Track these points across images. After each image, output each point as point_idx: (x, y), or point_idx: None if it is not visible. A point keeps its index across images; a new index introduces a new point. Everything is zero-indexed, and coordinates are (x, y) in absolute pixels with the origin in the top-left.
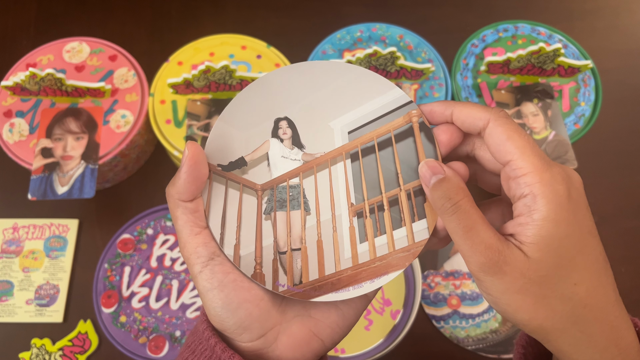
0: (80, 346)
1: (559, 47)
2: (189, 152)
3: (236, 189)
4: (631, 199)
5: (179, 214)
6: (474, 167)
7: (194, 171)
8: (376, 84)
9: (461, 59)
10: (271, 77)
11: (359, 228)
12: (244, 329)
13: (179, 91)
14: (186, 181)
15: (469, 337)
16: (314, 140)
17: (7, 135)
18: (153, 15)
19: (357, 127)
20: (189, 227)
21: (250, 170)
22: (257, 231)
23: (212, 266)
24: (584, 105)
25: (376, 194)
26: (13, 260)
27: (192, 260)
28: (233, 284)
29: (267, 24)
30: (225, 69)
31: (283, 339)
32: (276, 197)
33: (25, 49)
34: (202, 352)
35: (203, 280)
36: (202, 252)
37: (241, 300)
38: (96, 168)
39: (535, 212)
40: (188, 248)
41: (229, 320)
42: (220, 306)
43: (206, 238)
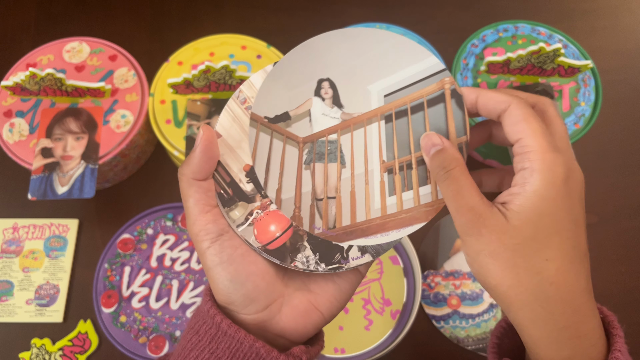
0: (80, 346)
1: (559, 47)
2: (203, 134)
3: (280, 140)
4: (631, 199)
5: (192, 192)
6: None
7: (208, 151)
8: (414, 52)
9: (461, 59)
10: (317, 41)
11: (389, 183)
12: (250, 300)
13: (179, 91)
14: (201, 160)
15: (469, 337)
16: (352, 101)
17: (7, 135)
18: (153, 15)
19: (393, 91)
20: (201, 205)
21: (293, 124)
22: (297, 179)
23: (222, 242)
24: (584, 105)
25: (406, 154)
26: (13, 260)
27: (201, 237)
28: (241, 258)
29: (267, 24)
30: (225, 69)
31: (286, 310)
32: (315, 150)
33: (25, 49)
34: (206, 331)
35: (212, 255)
36: (212, 228)
37: (248, 273)
38: (96, 168)
39: (528, 184)
40: (197, 225)
41: (237, 292)
42: (228, 279)
43: (216, 216)
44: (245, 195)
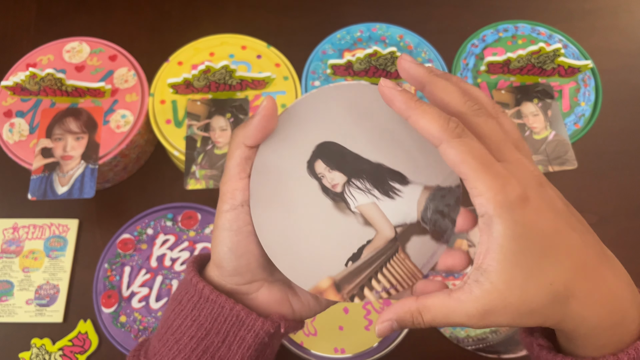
0: (80, 346)
1: (559, 47)
2: (266, 104)
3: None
4: (631, 199)
5: (236, 155)
6: None
7: (265, 121)
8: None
9: (461, 59)
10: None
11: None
12: (237, 273)
13: (179, 91)
14: (256, 128)
15: (469, 337)
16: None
17: (7, 135)
18: (153, 15)
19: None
20: (238, 170)
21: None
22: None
23: (239, 212)
24: (584, 105)
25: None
26: (13, 260)
27: (225, 198)
28: (247, 233)
29: (267, 24)
30: (225, 69)
31: (264, 292)
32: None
33: (25, 49)
34: (189, 299)
35: (226, 219)
36: (239, 196)
37: (247, 250)
38: (96, 168)
39: (493, 231)
40: (229, 184)
41: (229, 261)
42: (228, 247)
43: (246, 185)
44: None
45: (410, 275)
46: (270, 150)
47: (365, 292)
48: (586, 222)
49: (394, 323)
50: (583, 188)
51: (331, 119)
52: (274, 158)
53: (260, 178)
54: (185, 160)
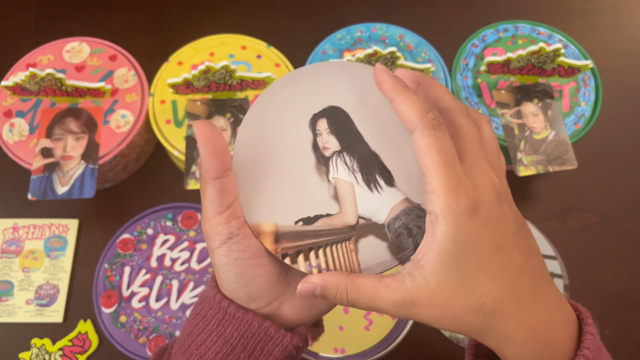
0: (80, 346)
1: (559, 47)
2: (196, 130)
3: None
4: (631, 199)
5: (207, 192)
6: None
7: (210, 145)
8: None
9: (461, 59)
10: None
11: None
12: (253, 299)
13: (179, 91)
14: (205, 156)
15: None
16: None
17: (7, 135)
18: (153, 15)
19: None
20: (215, 206)
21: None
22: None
23: (230, 244)
24: (584, 105)
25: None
26: (13, 260)
27: (212, 236)
28: (247, 261)
29: (267, 24)
30: (225, 69)
31: (286, 307)
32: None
33: (25, 49)
34: (213, 315)
35: (220, 255)
36: (223, 230)
37: (253, 275)
38: (96, 168)
39: (436, 231)
40: (210, 224)
41: (240, 292)
42: (233, 280)
43: (228, 217)
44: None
45: (349, 270)
46: (281, 94)
47: (298, 259)
48: (536, 244)
49: (317, 288)
50: (583, 188)
51: (350, 91)
52: (282, 101)
53: (258, 117)
54: (185, 160)
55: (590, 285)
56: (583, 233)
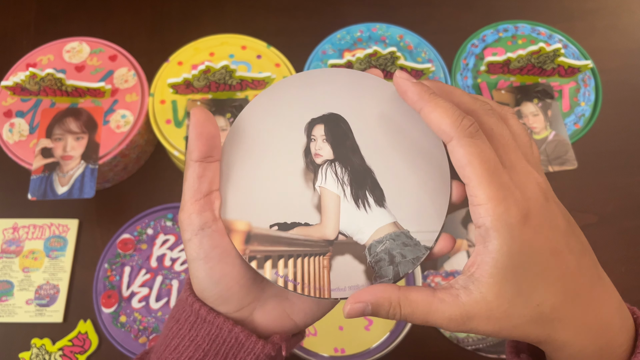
0: (80, 346)
1: (559, 47)
2: (192, 113)
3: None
4: (631, 199)
5: (188, 174)
6: None
7: (198, 128)
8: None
9: (461, 59)
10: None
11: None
12: (222, 300)
13: (179, 91)
14: (193, 138)
15: (468, 337)
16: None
17: (7, 135)
18: (153, 15)
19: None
20: (193, 191)
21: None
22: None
23: (201, 237)
24: (584, 105)
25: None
26: (13, 260)
27: (184, 227)
28: (218, 257)
29: (267, 24)
30: (225, 69)
31: (258, 314)
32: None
33: (25, 49)
34: (186, 318)
35: (191, 248)
36: (195, 220)
37: (223, 274)
38: (96, 168)
39: (489, 244)
40: (184, 212)
41: (210, 290)
42: (203, 276)
43: (203, 207)
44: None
45: (318, 287)
46: (283, 93)
47: (266, 264)
48: (585, 239)
49: (368, 307)
50: (583, 188)
51: (355, 101)
52: (282, 101)
53: (255, 114)
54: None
55: None
56: (583, 233)
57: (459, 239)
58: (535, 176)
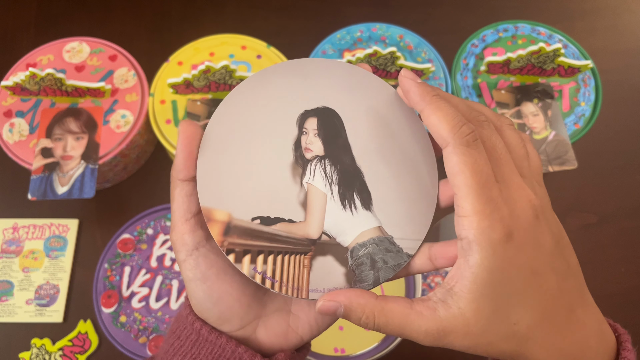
0: (80, 346)
1: (559, 47)
2: (181, 129)
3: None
4: (631, 199)
5: (176, 194)
6: None
7: (188, 147)
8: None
9: (461, 59)
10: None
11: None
12: (224, 320)
13: (179, 91)
14: (181, 157)
15: None
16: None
17: (7, 135)
18: (153, 15)
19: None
20: (182, 211)
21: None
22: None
23: (196, 257)
24: (584, 105)
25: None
26: (13, 260)
27: (178, 247)
28: (215, 277)
29: (267, 24)
30: (225, 69)
31: (261, 331)
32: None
33: (25, 49)
34: (187, 336)
35: (187, 269)
36: (188, 240)
37: (222, 293)
38: (96, 168)
39: (470, 258)
40: (176, 232)
41: (210, 311)
42: (202, 297)
43: (194, 226)
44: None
45: (296, 287)
46: (276, 78)
47: (244, 259)
48: (575, 259)
49: (340, 308)
50: (583, 188)
51: (351, 97)
52: (275, 87)
53: (243, 98)
54: None
55: (590, 285)
56: (583, 233)
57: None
58: (527, 193)
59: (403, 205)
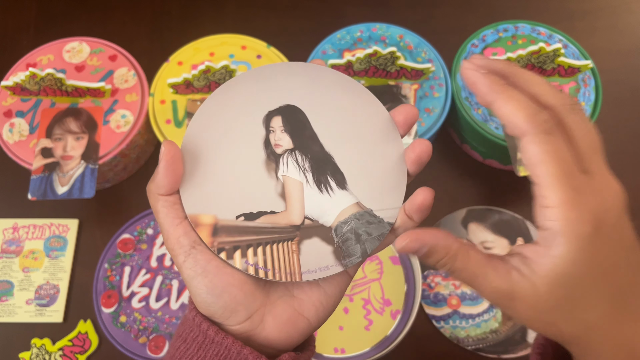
0: (80, 346)
1: (559, 47)
2: (165, 149)
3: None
4: (631, 199)
5: (160, 207)
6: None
7: (171, 166)
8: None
9: (461, 59)
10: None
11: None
12: (230, 312)
13: (179, 91)
14: (164, 176)
15: (469, 337)
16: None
17: (7, 135)
18: (153, 15)
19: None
20: (170, 218)
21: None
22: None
23: (195, 254)
24: (584, 105)
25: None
26: (13, 260)
27: (176, 251)
28: (216, 269)
29: (267, 24)
30: (225, 69)
31: (269, 320)
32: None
33: (25, 49)
34: (194, 339)
35: (187, 268)
36: (184, 241)
37: (225, 284)
38: (96, 168)
39: (553, 249)
40: (171, 239)
41: (215, 304)
42: (205, 292)
43: (186, 228)
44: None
45: (289, 272)
46: (239, 89)
47: (235, 254)
48: None
49: (424, 248)
50: None
51: (310, 92)
52: (238, 96)
53: (212, 110)
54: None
55: None
56: None
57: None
58: (613, 183)
59: (376, 179)
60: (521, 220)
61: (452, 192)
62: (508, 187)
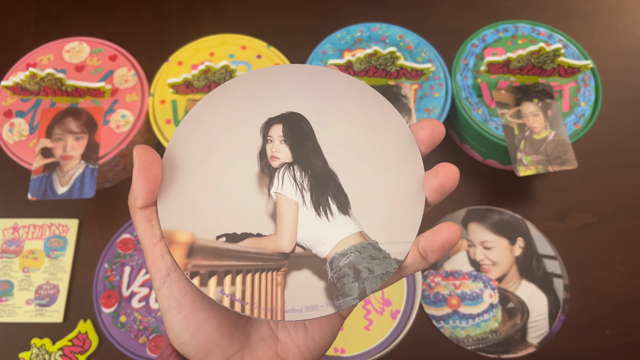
0: (80, 346)
1: (559, 47)
2: (136, 153)
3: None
4: (631, 199)
5: (137, 222)
6: None
7: (143, 172)
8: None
9: (461, 59)
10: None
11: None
12: (204, 353)
13: (179, 91)
14: (138, 184)
15: (469, 337)
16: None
17: (7, 135)
18: (153, 15)
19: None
20: (148, 237)
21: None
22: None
23: (169, 283)
24: (584, 105)
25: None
26: (13, 260)
27: (153, 275)
28: (191, 304)
29: (267, 24)
30: (225, 69)
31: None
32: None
33: (25, 49)
34: None
35: (161, 298)
36: (161, 265)
37: (200, 322)
38: (96, 168)
39: None
40: (149, 260)
41: (188, 344)
42: (178, 328)
43: (163, 250)
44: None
45: (270, 308)
46: (237, 91)
47: (210, 281)
48: None
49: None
50: (583, 188)
51: (317, 98)
52: (236, 99)
53: (205, 113)
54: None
55: (590, 285)
56: (583, 233)
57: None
58: None
59: (386, 205)
60: (521, 220)
61: (452, 192)
62: (508, 187)
